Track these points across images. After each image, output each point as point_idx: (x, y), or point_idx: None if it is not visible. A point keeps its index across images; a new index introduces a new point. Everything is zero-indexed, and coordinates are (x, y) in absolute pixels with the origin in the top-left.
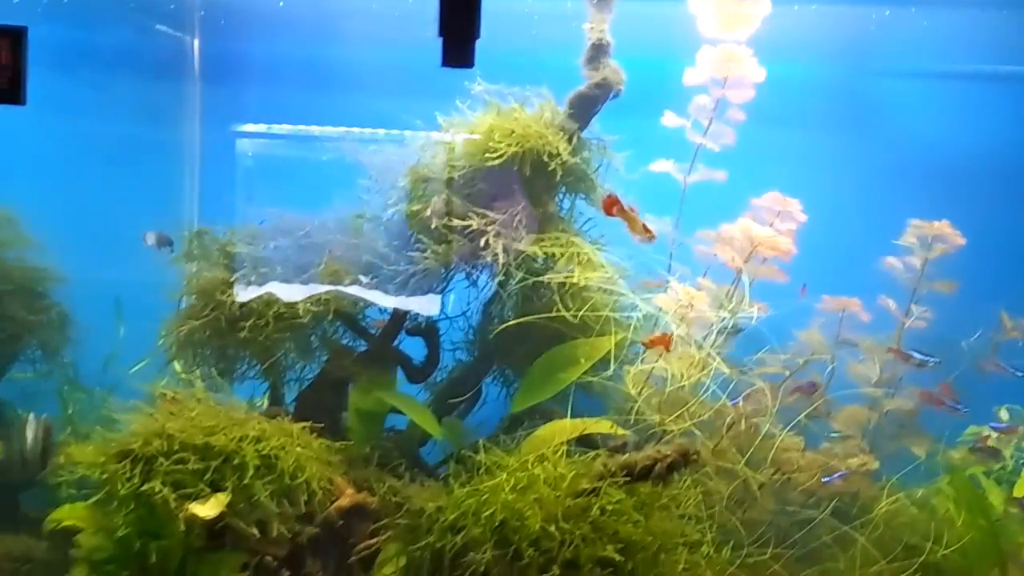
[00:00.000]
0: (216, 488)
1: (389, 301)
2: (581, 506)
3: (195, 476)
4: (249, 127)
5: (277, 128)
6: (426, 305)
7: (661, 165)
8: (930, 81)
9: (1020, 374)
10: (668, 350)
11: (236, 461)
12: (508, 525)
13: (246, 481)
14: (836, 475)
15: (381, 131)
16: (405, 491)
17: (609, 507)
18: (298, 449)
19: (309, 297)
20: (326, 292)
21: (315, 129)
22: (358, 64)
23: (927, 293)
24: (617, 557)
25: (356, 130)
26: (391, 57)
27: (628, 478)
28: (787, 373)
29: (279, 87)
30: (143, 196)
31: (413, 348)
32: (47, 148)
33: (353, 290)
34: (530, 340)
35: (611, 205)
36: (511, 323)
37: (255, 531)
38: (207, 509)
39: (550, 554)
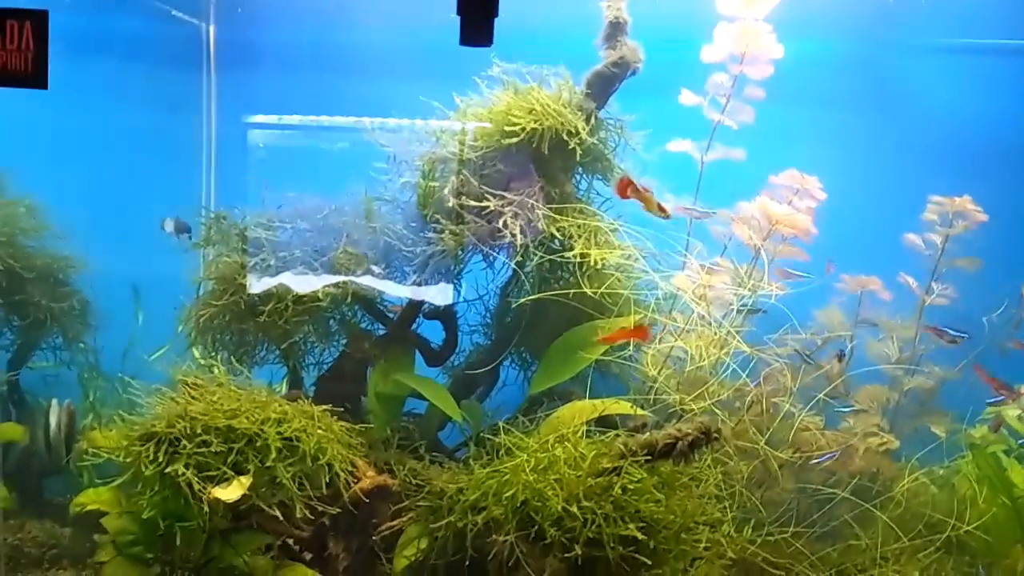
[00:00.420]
0: (239, 471)
1: (400, 291)
2: (602, 485)
3: (218, 458)
4: (264, 115)
5: (292, 117)
6: (440, 294)
7: (679, 144)
8: (951, 56)
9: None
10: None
11: (258, 444)
12: (530, 505)
13: (268, 463)
14: (826, 455)
15: (397, 116)
16: (426, 473)
17: (631, 486)
18: (319, 431)
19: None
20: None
21: (329, 119)
22: (375, 48)
23: (948, 270)
24: (639, 535)
25: (368, 119)
26: (409, 40)
27: (649, 457)
28: (808, 353)
29: (295, 74)
30: (160, 184)
31: (432, 332)
32: (65, 137)
33: (366, 280)
34: (548, 322)
35: (625, 187)
36: (527, 299)
37: (278, 513)
38: (229, 492)
39: (572, 533)
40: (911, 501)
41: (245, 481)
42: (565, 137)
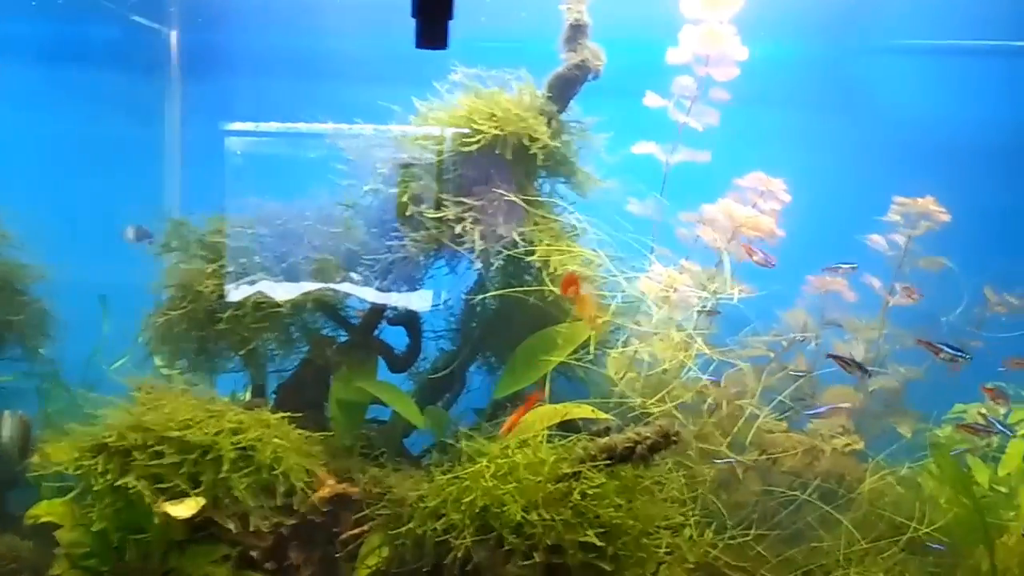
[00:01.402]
0: (194, 481)
1: (383, 298)
2: (562, 491)
3: (172, 470)
4: (233, 121)
5: (261, 123)
6: (417, 301)
7: (644, 147)
8: (914, 57)
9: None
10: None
11: (212, 455)
12: (489, 512)
13: (222, 475)
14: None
15: (362, 121)
16: (387, 480)
17: (590, 491)
18: (276, 441)
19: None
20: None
21: (294, 125)
22: (339, 53)
23: (913, 271)
24: (598, 542)
25: (329, 124)
26: (372, 45)
27: (609, 461)
28: (772, 355)
29: (261, 79)
30: (124, 192)
31: (397, 338)
32: (25, 143)
33: (345, 287)
34: (514, 327)
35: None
36: (483, 296)
37: (232, 527)
38: (181, 509)
39: (532, 540)
40: (876, 502)
41: (199, 500)
42: (527, 142)
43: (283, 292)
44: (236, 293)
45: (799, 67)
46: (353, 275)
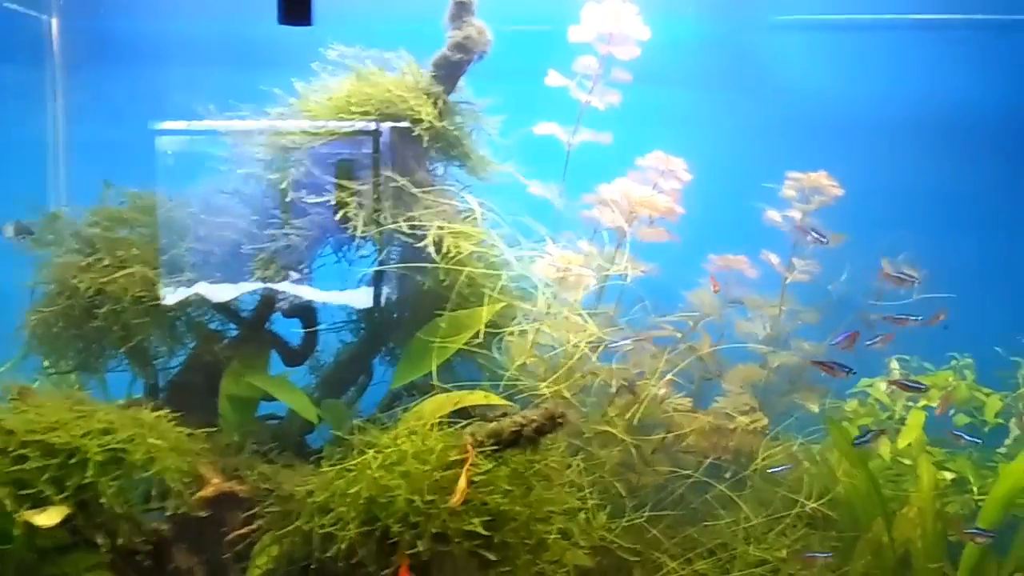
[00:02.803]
0: (60, 486)
1: (325, 296)
2: (450, 479)
3: (36, 475)
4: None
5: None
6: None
7: (546, 127)
8: (812, 33)
9: (914, 319)
10: None
11: (78, 458)
12: (376, 503)
13: (89, 478)
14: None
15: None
16: (276, 477)
17: (476, 478)
18: (151, 441)
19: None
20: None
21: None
22: (221, 38)
23: (815, 247)
24: (482, 529)
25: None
26: (252, 29)
27: (497, 447)
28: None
29: (148, 67)
30: (3, 187)
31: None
32: None
33: (284, 286)
34: (418, 316)
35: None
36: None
37: (98, 538)
38: (45, 518)
39: (418, 529)
40: (785, 478)
41: (63, 508)
42: (410, 124)
43: (227, 294)
44: (114, 288)
45: (699, 46)
46: (302, 279)
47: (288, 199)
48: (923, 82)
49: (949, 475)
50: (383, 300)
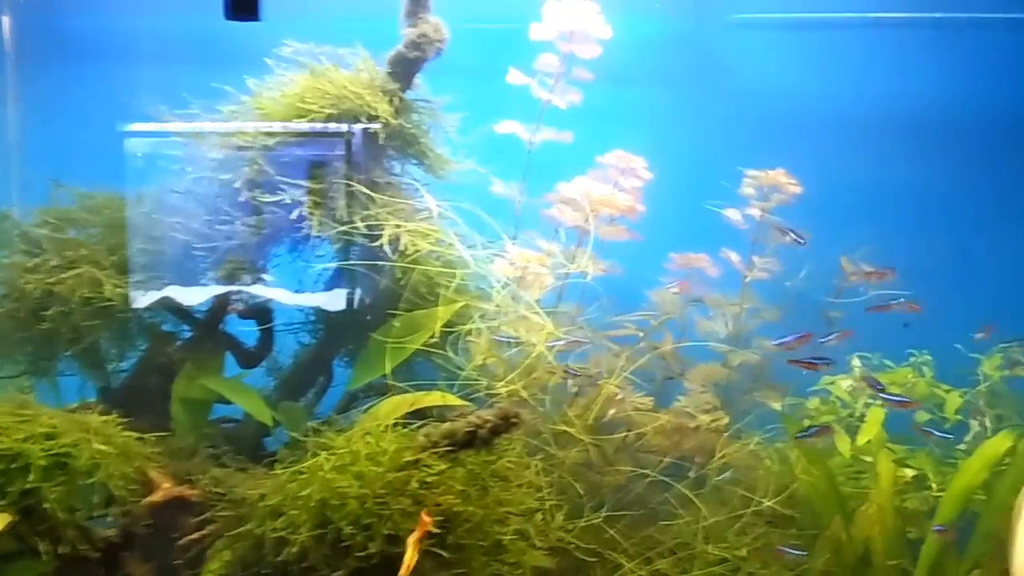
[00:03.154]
0: (2, 492)
1: (295, 299)
2: (403, 480)
3: None
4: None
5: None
6: (265, 291)
7: (507, 126)
8: (773, 31)
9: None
10: None
11: (19, 463)
12: (328, 505)
13: (30, 484)
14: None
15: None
16: (229, 480)
17: (429, 479)
18: (96, 446)
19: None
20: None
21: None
22: (175, 35)
23: (777, 245)
24: (434, 529)
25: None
26: (208, 25)
27: (452, 447)
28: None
29: (103, 64)
30: None
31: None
32: None
33: (256, 289)
34: (377, 317)
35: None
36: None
37: (41, 546)
38: None
39: (370, 531)
40: (746, 476)
41: (4, 515)
42: (366, 120)
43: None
44: (64, 288)
45: (659, 44)
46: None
47: (242, 198)
48: (883, 81)
49: (910, 472)
50: (343, 300)
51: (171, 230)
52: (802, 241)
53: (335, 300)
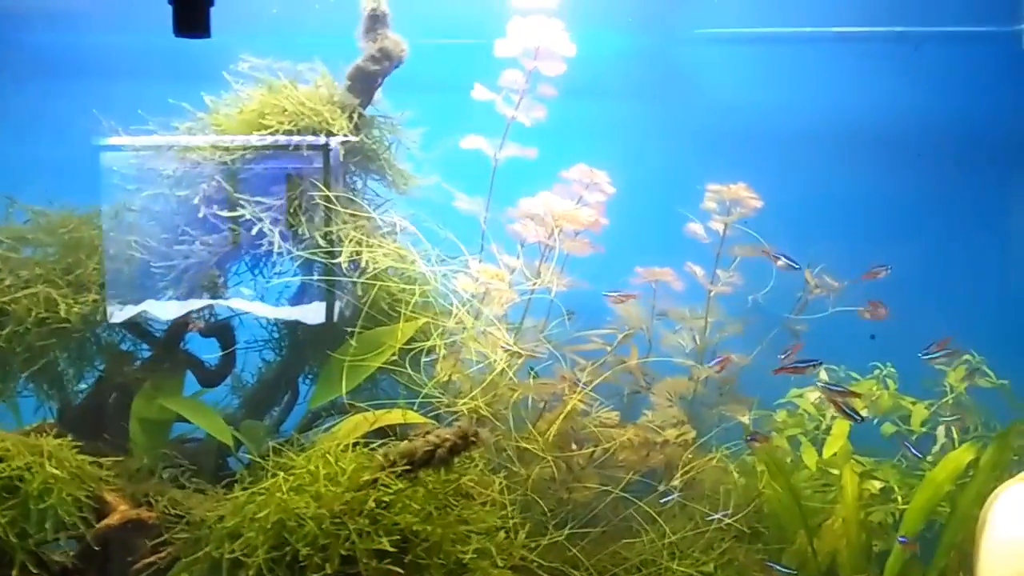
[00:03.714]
0: None
1: (276, 312)
2: (360, 499)
3: None
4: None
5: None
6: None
7: (472, 141)
8: (736, 46)
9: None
10: None
11: None
12: (285, 526)
13: None
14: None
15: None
16: (188, 502)
17: (387, 498)
18: (49, 470)
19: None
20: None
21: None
22: (119, 50)
23: (741, 259)
24: (390, 548)
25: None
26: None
27: (410, 467)
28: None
29: (50, 81)
30: None
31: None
32: None
33: (235, 303)
34: (342, 334)
35: None
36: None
37: None
38: None
39: (327, 552)
40: (713, 491)
41: None
42: (325, 136)
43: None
44: (17, 308)
45: (622, 59)
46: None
47: (200, 215)
48: (847, 94)
49: (876, 484)
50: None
51: (129, 248)
52: (796, 266)
53: (306, 314)
